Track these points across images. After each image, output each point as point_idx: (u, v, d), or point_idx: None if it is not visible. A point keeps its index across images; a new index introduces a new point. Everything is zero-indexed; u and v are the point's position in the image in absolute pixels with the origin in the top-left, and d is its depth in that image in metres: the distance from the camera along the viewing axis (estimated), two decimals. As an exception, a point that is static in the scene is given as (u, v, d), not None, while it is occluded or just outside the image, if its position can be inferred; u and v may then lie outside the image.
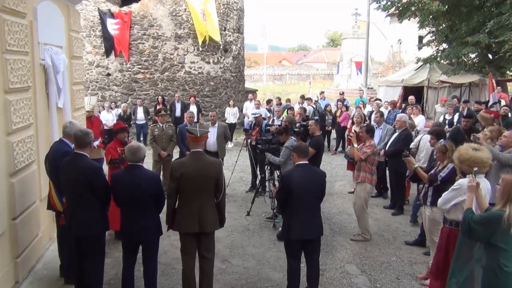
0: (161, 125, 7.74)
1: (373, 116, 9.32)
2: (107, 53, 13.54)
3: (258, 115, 8.50)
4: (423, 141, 6.55)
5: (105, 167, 5.83)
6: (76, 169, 3.85)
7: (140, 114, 12.53)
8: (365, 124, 8.39)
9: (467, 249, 3.40)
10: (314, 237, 4.21)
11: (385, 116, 8.97)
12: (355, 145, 5.91)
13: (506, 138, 5.30)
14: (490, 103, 8.63)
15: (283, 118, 8.51)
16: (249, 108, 13.11)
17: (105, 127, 10.09)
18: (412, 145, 6.72)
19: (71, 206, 3.94)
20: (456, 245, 3.57)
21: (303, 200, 4.09)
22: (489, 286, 3.17)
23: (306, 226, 4.11)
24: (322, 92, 14.93)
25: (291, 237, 4.14)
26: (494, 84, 12.97)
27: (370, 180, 5.89)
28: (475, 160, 3.69)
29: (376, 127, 8.03)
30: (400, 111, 10.11)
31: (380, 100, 12.19)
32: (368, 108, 12.47)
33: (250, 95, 14.10)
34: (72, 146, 4.39)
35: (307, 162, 4.24)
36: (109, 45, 13.49)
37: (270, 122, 8.69)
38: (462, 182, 3.88)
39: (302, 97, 13.69)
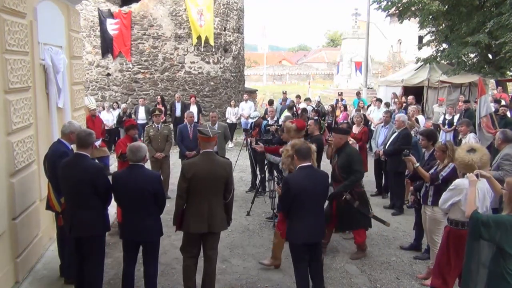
0: (157, 125, 7.59)
1: (381, 115, 9.33)
2: (103, 54, 13.55)
3: (257, 117, 8.52)
4: None
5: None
6: (79, 169, 3.84)
7: (142, 113, 12.50)
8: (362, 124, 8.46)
9: (475, 251, 3.36)
10: (319, 240, 4.17)
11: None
12: None
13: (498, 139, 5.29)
14: (480, 111, 7.88)
15: (279, 118, 8.54)
16: (245, 109, 13.19)
17: (106, 127, 10.15)
18: None
19: (72, 207, 3.93)
20: (466, 247, 3.53)
21: (306, 203, 4.00)
22: None
23: (311, 229, 4.03)
24: (284, 94, 14.78)
25: (297, 241, 4.06)
26: (498, 85, 12.90)
27: None
28: (472, 163, 3.71)
29: (382, 126, 8.10)
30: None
31: (381, 100, 12.15)
32: (372, 108, 12.42)
33: (245, 96, 14.17)
34: (70, 146, 4.39)
35: (310, 164, 4.14)
36: (107, 46, 13.49)
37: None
38: (457, 182, 3.91)
39: (298, 97, 13.75)
